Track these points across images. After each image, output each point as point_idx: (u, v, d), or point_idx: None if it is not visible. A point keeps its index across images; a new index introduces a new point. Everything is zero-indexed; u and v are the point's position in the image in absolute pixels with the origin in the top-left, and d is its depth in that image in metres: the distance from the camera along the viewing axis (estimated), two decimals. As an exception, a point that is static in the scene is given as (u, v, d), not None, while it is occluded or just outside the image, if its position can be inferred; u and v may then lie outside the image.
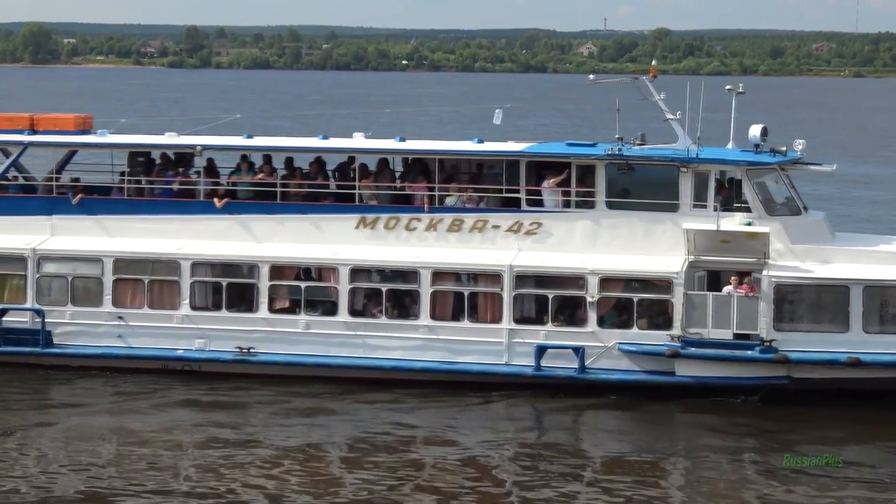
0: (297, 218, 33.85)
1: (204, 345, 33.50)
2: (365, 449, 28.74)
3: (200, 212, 34.27)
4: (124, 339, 33.84)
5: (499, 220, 33.01)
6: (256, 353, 33.23)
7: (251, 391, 32.87)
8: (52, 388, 33.55)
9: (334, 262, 33.03)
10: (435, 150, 34.54)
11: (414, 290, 32.78)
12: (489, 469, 27.67)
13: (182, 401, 32.40)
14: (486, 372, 32.34)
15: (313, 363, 33.01)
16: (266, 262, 33.25)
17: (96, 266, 33.96)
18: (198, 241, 33.93)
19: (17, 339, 34.11)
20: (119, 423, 30.56)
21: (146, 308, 33.77)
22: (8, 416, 31.17)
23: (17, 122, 36.21)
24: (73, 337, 34.04)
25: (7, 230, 34.82)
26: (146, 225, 34.41)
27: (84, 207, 34.78)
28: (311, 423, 30.74)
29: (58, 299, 34.14)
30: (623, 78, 35.50)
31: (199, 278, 33.62)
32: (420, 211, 33.35)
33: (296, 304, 33.39)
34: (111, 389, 33.15)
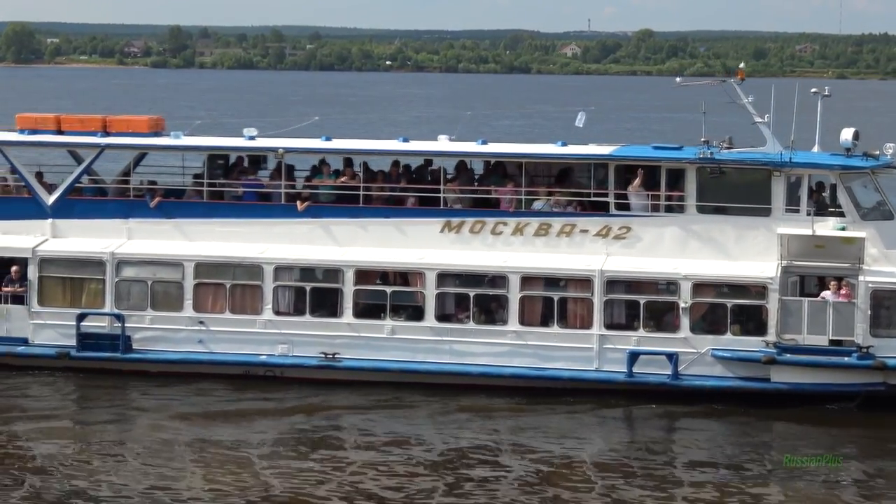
0: (380, 222, 33.43)
1: (287, 350, 33.02)
2: (452, 455, 28.43)
3: (281, 215, 33.86)
4: (205, 344, 33.33)
5: (587, 225, 32.66)
6: (341, 359, 32.71)
7: (335, 397, 32.47)
8: (132, 394, 33.13)
9: (421, 267, 32.61)
10: (521, 153, 34.17)
11: (502, 295, 32.37)
12: (579, 476, 27.38)
13: (265, 407, 32.00)
14: (577, 378, 32.01)
15: (399, 369, 32.58)
16: (351, 267, 32.78)
17: (177, 270, 33.50)
18: (279, 244, 33.45)
19: (96, 344, 33.50)
20: (200, 429, 30.25)
21: (228, 313, 33.28)
22: (87, 421, 30.92)
23: (90, 123, 35.73)
24: (152, 342, 33.55)
25: (83, 233, 34.31)
26: (225, 228, 33.96)
27: (162, 210, 34.28)
28: (397, 429, 30.44)
29: (137, 304, 33.63)
30: (710, 80, 35.19)
31: (283, 283, 33.09)
32: (506, 215, 32.91)
33: (380, 309, 32.83)
34: (192, 395, 32.75)
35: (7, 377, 33.75)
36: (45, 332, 33.86)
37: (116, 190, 35.85)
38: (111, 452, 28.65)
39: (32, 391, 33.07)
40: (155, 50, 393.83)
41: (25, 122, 35.94)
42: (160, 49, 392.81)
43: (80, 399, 32.89)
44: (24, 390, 33.09)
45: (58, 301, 33.94)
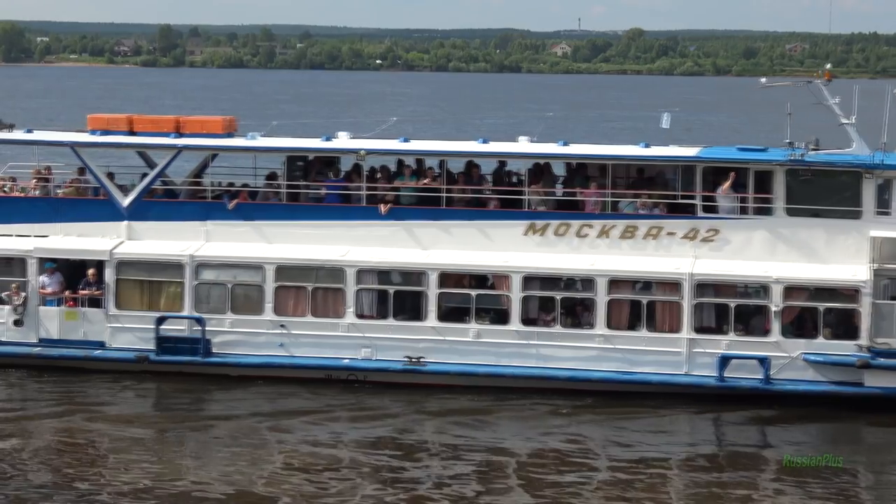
0: (463, 224, 33.07)
1: (370, 354, 32.67)
2: (538, 461, 28.13)
3: (362, 217, 33.46)
4: (286, 347, 32.95)
5: (674, 227, 32.35)
6: (426, 363, 32.36)
7: (418, 401, 32.07)
8: (212, 398, 32.77)
9: (507, 270, 32.28)
10: (605, 154, 33.82)
11: (589, 299, 32.06)
12: (670, 482, 27.14)
13: (347, 411, 31.61)
14: (667, 382, 31.69)
15: (485, 373, 32.22)
16: (435, 270, 32.44)
17: (257, 273, 33.13)
18: (360, 247, 33.09)
19: (175, 348, 33.13)
20: (282, 434, 29.86)
21: (309, 316, 32.91)
22: (168, 425, 30.57)
23: (163, 124, 35.32)
24: (232, 346, 33.17)
25: (160, 235, 33.93)
26: (305, 230, 33.56)
27: (240, 212, 33.87)
28: (481, 433, 30.10)
29: (217, 307, 33.24)
30: (796, 81, 34.90)
31: (365, 286, 32.74)
32: (592, 217, 32.61)
33: (465, 312, 32.53)
34: (273, 399, 32.33)
35: (84, 380, 33.41)
36: (122, 335, 33.48)
37: (189, 192, 35.31)
38: (192, 457, 28.47)
39: (111, 395, 32.72)
40: (145, 49, 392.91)
41: (97, 123, 35.54)
42: (150, 48, 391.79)
43: (159, 403, 32.53)
44: (102, 394, 32.76)
45: (135, 304, 33.56)
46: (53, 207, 34.64)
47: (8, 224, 34.71)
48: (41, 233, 34.50)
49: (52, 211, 34.57)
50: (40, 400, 32.31)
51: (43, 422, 30.46)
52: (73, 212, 34.47)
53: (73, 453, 28.34)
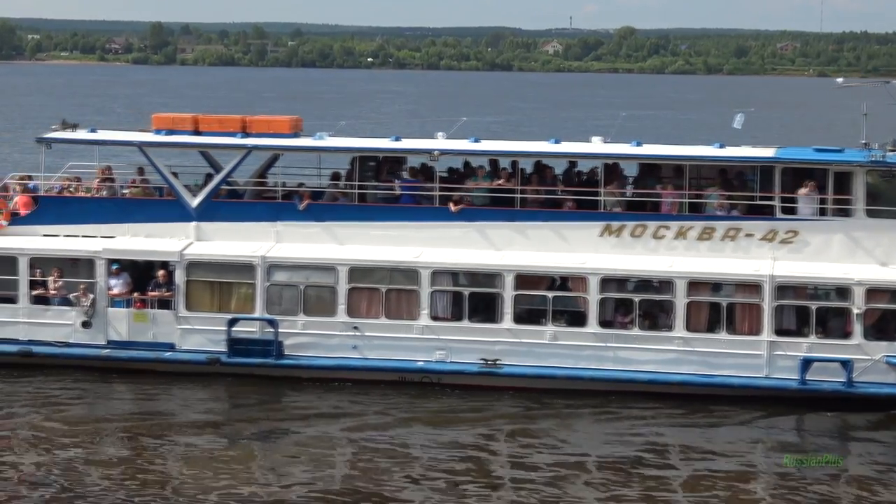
0: (537, 225, 32.78)
1: (445, 356, 32.35)
2: (616, 465, 27.82)
3: (434, 218, 33.15)
4: (359, 350, 32.63)
5: (753, 229, 32.08)
6: (502, 365, 32.07)
7: (494, 404, 31.79)
8: (284, 400, 32.39)
9: (584, 272, 31.99)
10: (682, 155, 33.54)
11: (668, 301, 31.78)
12: (752, 486, 26.81)
13: (422, 414, 31.29)
14: (747, 385, 31.43)
15: (563, 375, 31.95)
16: (512, 271, 32.14)
17: (330, 274, 32.80)
18: (433, 248, 32.79)
19: (247, 350, 32.78)
20: (355, 436, 29.53)
21: (383, 318, 32.58)
22: (239, 427, 30.23)
23: (229, 124, 34.95)
24: (305, 348, 32.83)
25: (229, 236, 33.59)
26: (377, 231, 33.27)
27: (311, 213, 33.55)
28: (558, 437, 29.76)
29: (289, 308, 32.88)
30: (871, 82, 34.66)
31: (440, 287, 32.44)
32: (669, 218, 32.34)
33: (541, 314, 32.25)
34: (346, 402, 31.99)
35: (154, 383, 33.06)
36: (192, 337, 33.14)
37: (253, 192, 34.97)
38: (264, 460, 28.10)
39: (181, 397, 32.40)
40: (136, 47, 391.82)
41: (162, 123, 35.18)
42: (141, 46, 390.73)
43: (230, 406, 32.15)
44: (172, 396, 32.42)
45: (206, 305, 33.22)
46: (120, 208, 34.27)
47: (74, 224, 34.20)
48: (108, 233, 34.06)
49: (119, 211, 34.21)
50: (110, 402, 32.07)
51: (113, 424, 30.12)
52: (141, 212, 34.12)
53: (143, 456, 28.05)
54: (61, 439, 28.89)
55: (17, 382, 33.11)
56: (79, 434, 29.33)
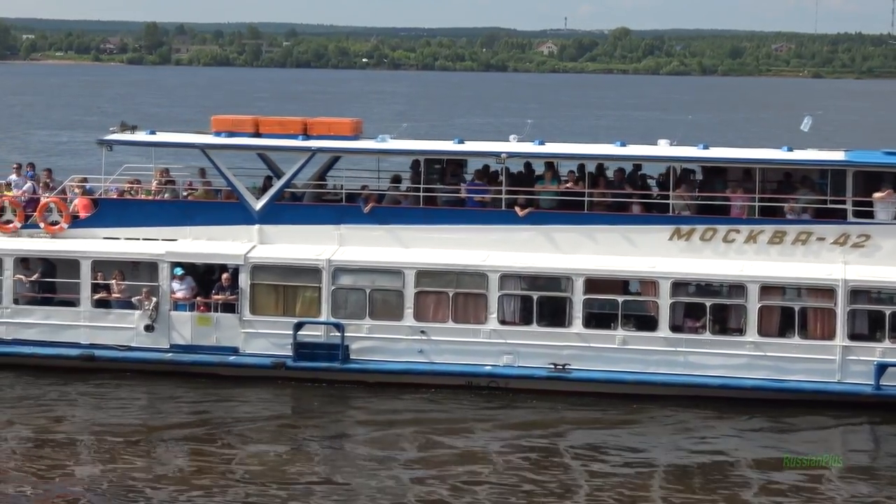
0: (605, 229, 32.52)
1: (512, 360, 32.09)
2: (685, 471, 27.57)
3: (501, 222, 32.89)
4: (426, 354, 32.35)
5: (825, 232, 31.84)
6: (571, 370, 31.82)
7: (562, 409, 31.52)
8: (350, 405, 32.05)
9: (655, 276, 31.74)
10: (752, 158, 33.33)
11: (739, 305, 31.53)
12: (827, 493, 26.50)
13: (489, 419, 30.93)
14: (820, 391, 31.18)
15: (633, 380, 31.68)
16: (581, 275, 31.89)
17: (397, 278, 32.51)
18: (499, 251, 32.54)
19: (313, 354, 32.50)
20: (422, 441, 29.30)
21: (450, 322, 32.31)
22: (304, 432, 29.93)
23: (290, 126, 34.65)
24: (371, 352, 32.54)
25: (292, 239, 33.31)
26: (442, 235, 32.98)
27: (375, 216, 33.27)
28: (628, 443, 29.45)
29: (355, 312, 32.60)
30: None
31: (508, 291, 32.17)
32: (739, 222, 32.11)
33: (611, 319, 32.02)
34: (412, 406, 31.70)
35: (217, 387, 32.75)
36: (256, 341, 32.85)
37: (313, 194, 34.69)
38: (330, 465, 27.83)
39: (244, 402, 32.02)
40: (131, 47, 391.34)
41: (221, 125, 34.85)
42: (136, 46, 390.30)
43: (296, 410, 31.84)
44: (236, 401, 32.06)
45: (270, 309, 32.92)
46: (182, 211, 33.95)
47: (134, 227, 33.91)
48: (169, 236, 33.75)
49: (181, 214, 33.90)
50: (172, 406, 31.74)
51: (175, 430, 29.86)
52: (203, 215, 33.82)
53: (206, 461, 27.76)
54: (122, 444, 28.65)
55: (79, 386, 32.83)
56: (140, 439, 29.10)
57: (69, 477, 26.67)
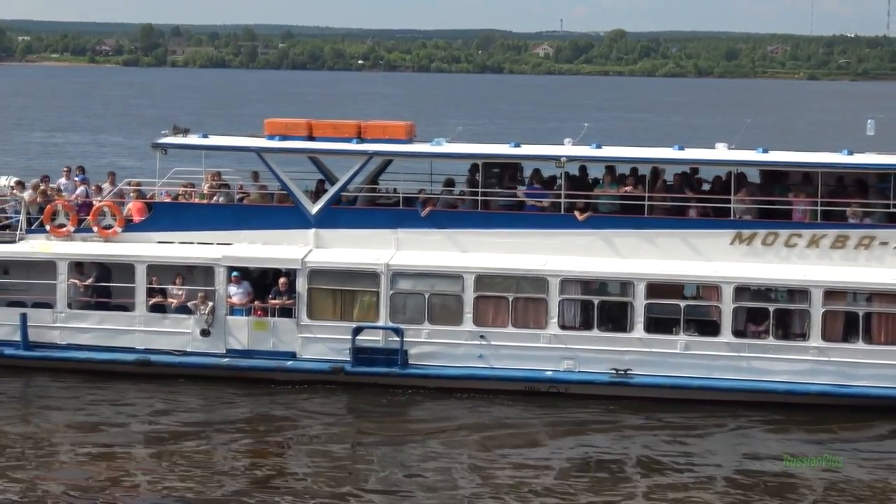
0: (665, 233, 32.31)
1: (573, 366, 31.86)
2: (750, 477, 27.23)
3: (560, 226, 32.66)
4: (485, 359, 32.11)
5: (888, 237, 31.64)
6: (633, 375, 31.60)
7: (624, 415, 31.28)
8: (409, 410, 31.85)
9: (717, 280, 31.52)
10: (814, 162, 33.10)
11: (803, 310, 31.33)
12: None
13: (550, 424, 30.71)
14: (886, 396, 31.01)
15: (696, 386, 31.45)
16: (643, 280, 31.67)
17: (456, 283, 32.26)
18: (558, 256, 32.31)
19: (371, 359, 32.24)
20: (480, 448, 28.99)
21: (510, 327, 32.08)
22: (362, 438, 29.71)
23: (344, 129, 34.42)
24: (430, 357, 32.30)
25: (348, 243, 33.05)
26: (500, 239, 32.76)
27: (433, 220, 33.03)
28: (691, 448, 29.23)
29: (413, 317, 32.35)
30: None
31: (569, 296, 31.94)
32: (801, 226, 31.92)
33: (673, 324, 31.80)
34: (472, 412, 31.42)
35: (275, 392, 32.48)
36: (313, 346, 32.60)
37: (366, 198, 34.45)
38: (388, 471, 27.52)
39: (302, 407, 31.72)
40: (126, 48, 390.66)
41: (275, 128, 34.59)
42: (132, 47, 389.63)
43: (354, 416, 31.48)
44: (293, 406, 31.79)
45: (328, 314, 32.66)
46: (237, 214, 33.70)
47: (189, 231, 33.66)
48: (224, 240, 33.50)
49: (236, 218, 33.65)
50: (228, 411, 31.44)
51: (231, 435, 29.59)
52: (259, 219, 33.58)
53: (263, 466, 27.59)
54: (180, 449, 28.48)
55: (132, 391, 32.62)
56: (198, 444, 28.94)
57: (125, 482, 26.48)
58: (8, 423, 30.09)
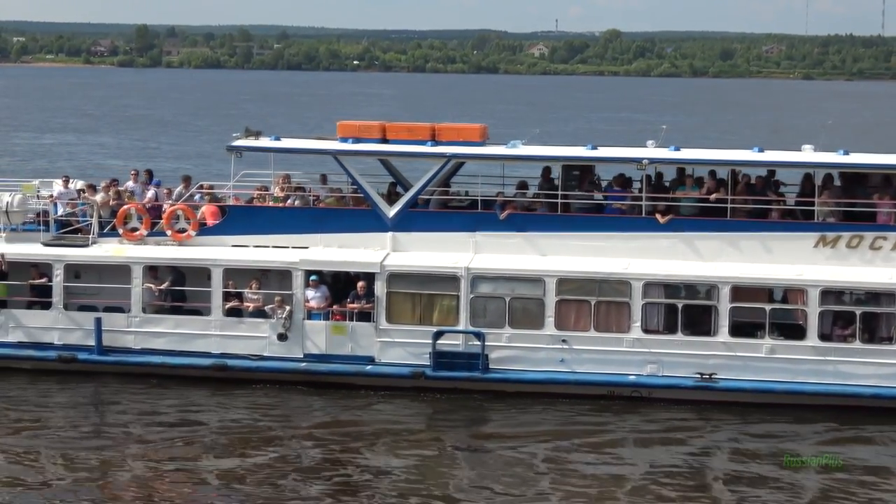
0: (748, 236, 32.02)
1: (656, 370, 31.55)
2: (843, 485, 26.96)
3: (641, 229, 32.35)
4: (567, 363, 31.79)
5: None
6: (718, 380, 31.30)
7: (709, 419, 30.97)
8: (489, 415, 31.47)
9: (804, 284, 31.22)
10: None
11: (890, 313, 31.08)
12: None
13: (633, 429, 30.48)
14: (977, 399, 30.71)
15: (782, 390, 31.16)
16: (728, 283, 31.36)
17: (537, 286, 31.93)
18: (639, 259, 32.00)
19: (452, 364, 31.90)
20: (562, 453, 28.71)
21: (592, 331, 31.76)
22: (443, 443, 29.40)
23: (418, 132, 34.10)
24: (510, 361, 31.97)
25: (425, 246, 32.74)
26: (579, 242, 32.44)
27: (511, 223, 32.71)
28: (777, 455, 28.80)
29: (494, 321, 32.02)
30: None
31: (652, 299, 31.64)
32: (887, 229, 31.64)
33: (758, 327, 31.51)
34: (554, 416, 31.08)
35: (351, 397, 32.15)
36: (392, 350, 32.26)
37: (439, 201, 34.11)
38: (469, 476, 27.27)
39: (382, 411, 31.41)
40: (122, 49, 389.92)
41: (348, 131, 34.24)
42: (127, 48, 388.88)
43: (434, 420, 31.16)
44: (372, 410, 31.47)
45: (407, 318, 32.31)
46: (313, 218, 33.34)
47: (263, 234, 33.31)
48: (299, 244, 33.16)
49: (312, 221, 33.29)
50: (306, 416, 31.14)
51: (309, 441, 29.29)
52: (335, 222, 33.22)
53: (340, 471, 27.31)
54: (257, 455, 28.18)
55: (208, 397, 32.30)
56: (275, 448, 28.66)
57: (201, 489, 26.28)
58: (82, 430, 29.82)
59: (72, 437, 29.17)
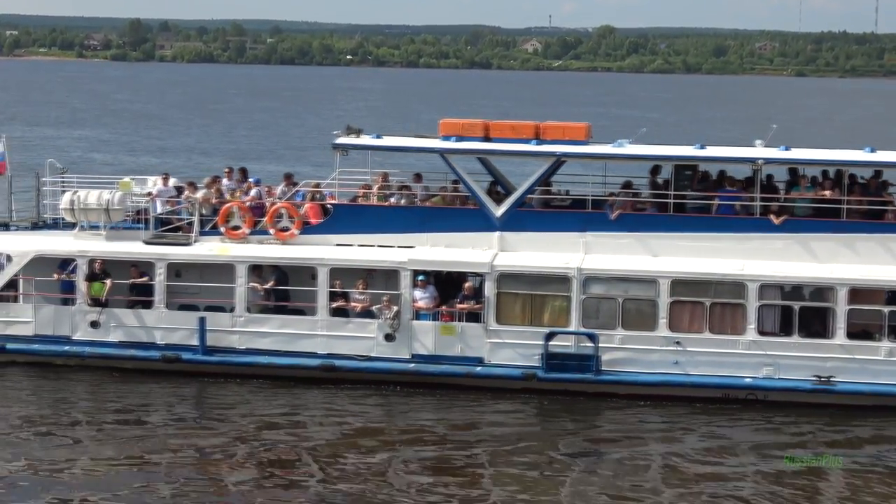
0: (864, 237, 31.66)
1: (772, 372, 31.15)
2: None
3: (755, 230, 31.94)
4: (681, 365, 31.38)
5: None
6: (836, 382, 30.92)
7: (828, 423, 30.57)
8: (603, 417, 31.08)
9: None
10: None
11: None
12: None
13: (754, 433, 30.00)
14: None
15: (900, 393, 30.79)
16: (846, 285, 30.99)
17: (650, 287, 31.51)
18: (753, 260, 31.60)
19: (563, 365, 31.47)
20: (677, 457, 28.31)
21: (707, 333, 31.35)
22: (555, 446, 28.88)
23: (522, 130, 33.63)
24: (623, 363, 31.54)
25: (533, 246, 32.32)
26: (692, 243, 32.02)
27: (623, 223, 32.28)
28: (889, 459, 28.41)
29: (606, 322, 31.60)
30: None
31: (768, 301, 31.23)
32: None
33: (876, 330, 31.16)
34: (668, 419, 30.69)
35: (460, 398, 31.72)
36: (502, 351, 31.80)
37: (540, 200, 33.67)
38: (581, 480, 26.82)
39: (492, 412, 30.93)
40: (115, 43, 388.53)
41: (451, 129, 33.77)
42: (120, 42, 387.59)
43: (547, 422, 30.66)
44: (483, 412, 30.98)
45: (517, 319, 31.87)
46: (419, 217, 32.87)
47: (368, 234, 32.84)
48: (404, 243, 32.69)
49: (417, 220, 32.81)
50: (414, 417, 30.69)
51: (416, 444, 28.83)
52: (442, 222, 32.74)
53: (451, 473, 26.93)
54: (362, 455, 27.88)
55: (314, 397, 31.83)
56: (377, 447, 28.39)
57: (305, 491, 25.91)
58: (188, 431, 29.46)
59: (176, 437, 28.92)
